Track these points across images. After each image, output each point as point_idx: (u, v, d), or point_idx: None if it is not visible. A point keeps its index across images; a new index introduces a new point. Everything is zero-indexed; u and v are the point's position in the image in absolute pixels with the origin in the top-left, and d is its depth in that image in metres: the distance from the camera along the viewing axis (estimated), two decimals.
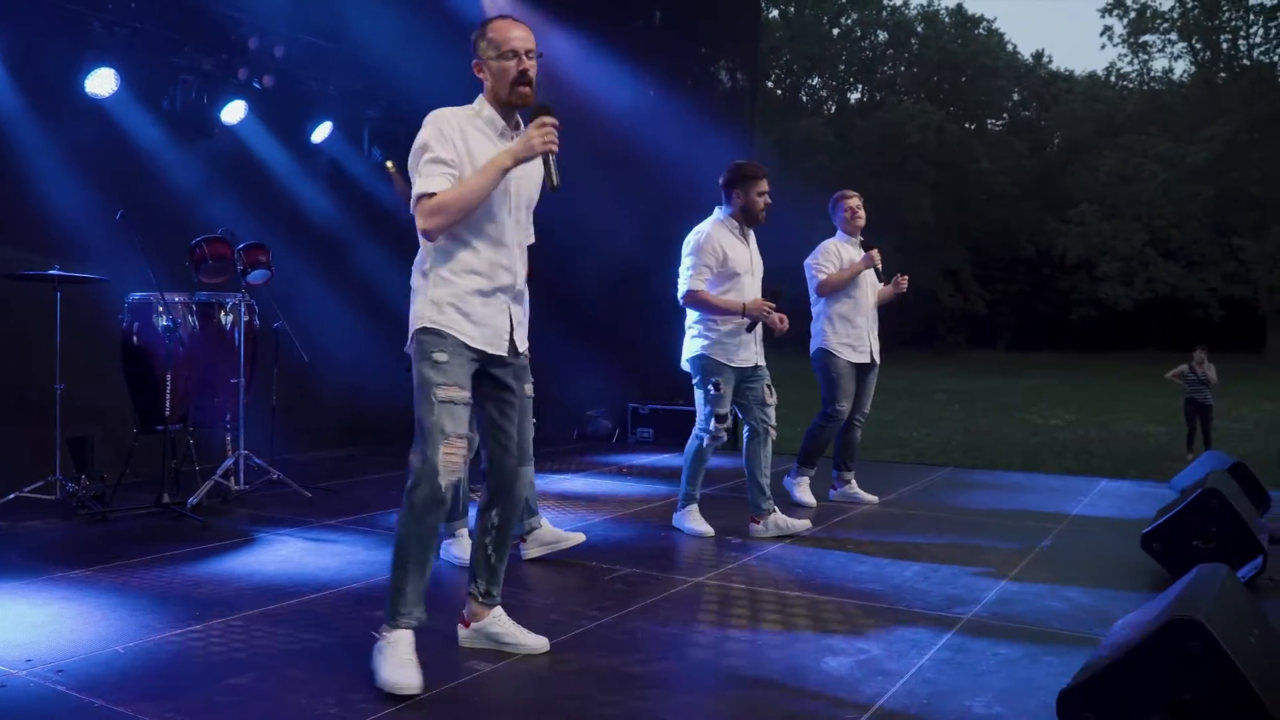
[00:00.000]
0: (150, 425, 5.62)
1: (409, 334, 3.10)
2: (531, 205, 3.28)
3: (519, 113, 3.13)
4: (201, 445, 5.93)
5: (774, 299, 5.00)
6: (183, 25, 6.54)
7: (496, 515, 3.28)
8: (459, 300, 3.05)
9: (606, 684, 3.03)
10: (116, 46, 6.23)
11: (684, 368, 5.17)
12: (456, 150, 3.00)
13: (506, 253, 3.13)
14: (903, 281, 6.06)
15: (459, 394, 3.02)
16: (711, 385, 5.02)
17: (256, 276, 6.03)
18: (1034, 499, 6.35)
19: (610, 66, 8.35)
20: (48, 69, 6.02)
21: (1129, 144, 35.13)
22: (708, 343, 5.02)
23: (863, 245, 5.93)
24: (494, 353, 3.13)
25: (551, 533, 4.57)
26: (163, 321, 5.52)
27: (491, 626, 3.30)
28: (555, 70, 8.05)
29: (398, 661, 2.92)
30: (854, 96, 44.54)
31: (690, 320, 5.12)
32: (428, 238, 3.01)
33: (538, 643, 3.29)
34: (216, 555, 4.55)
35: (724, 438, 5.14)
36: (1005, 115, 44.72)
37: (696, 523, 5.16)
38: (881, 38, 43.47)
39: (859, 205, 5.99)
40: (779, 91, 41.78)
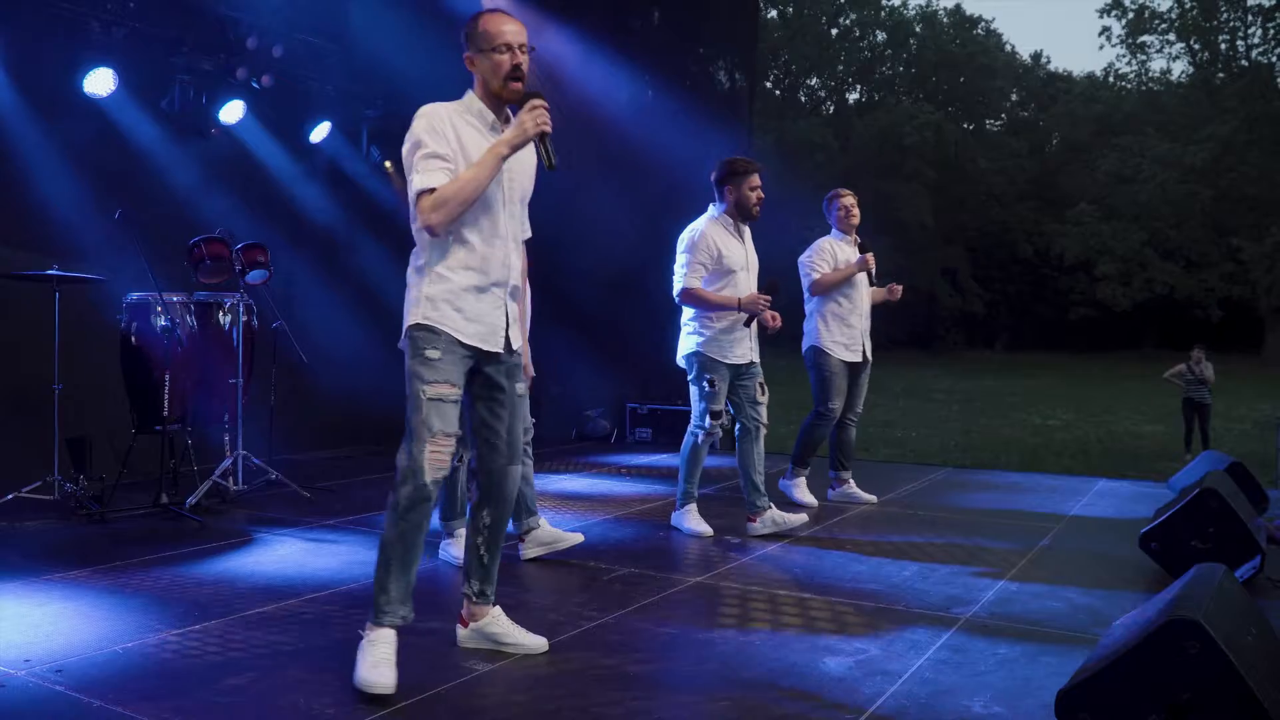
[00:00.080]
0: (149, 425, 5.62)
1: (402, 330, 3.09)
2: (526, 198, 3.27)
3: (509, 107, 3.11)
4: (200, 445, 5.93)
5: (770, 292, 5.01)
6: (181, 25, 6.53)
7: (488, 515, 3.27)
8: (454, 296, 3.03)
9: (605, 684, 3.03)
10: (115, 46, 6.22)
11: (679, 364, 5.18)
12: (449, 144, 2.98)
13: (502, 247, 3.11)
14: (897, 290, 6.09)
15: (449, 391, 3.01)
16: (706, 382, 5.02)
17: (255, 276, 6.04)
18: (1032, 499, 6.36)
19: (608, 66, 8.35)
20: (46, 69, 6.02)
21: (1127, 144, 35.19)
22: (703, 339, 5.02)
23: (860, 248, 5.93)
24: (489, 349, 3.11)
25: (550, 533, 4.57)
26: (161, 321, 5.52)
27: (490, 626, 3.30)
28: (554, 69, 8.05)
29: (374, 661, 2.90)
30: (852, 97, 44.59)
31: (686, 317, 5.12)
32: (432, 233, 2.98)
33: (536, 643, 3.29)
34: (215, 555, 4.55)
35: (719, 434, 5.14)
36: (1003, 115, 44.77)
37: (695, 522, 5.16)
38: (880, 38, 43.49)
39: (853, 204, 5.99)
40: (777, 91, 41.79)
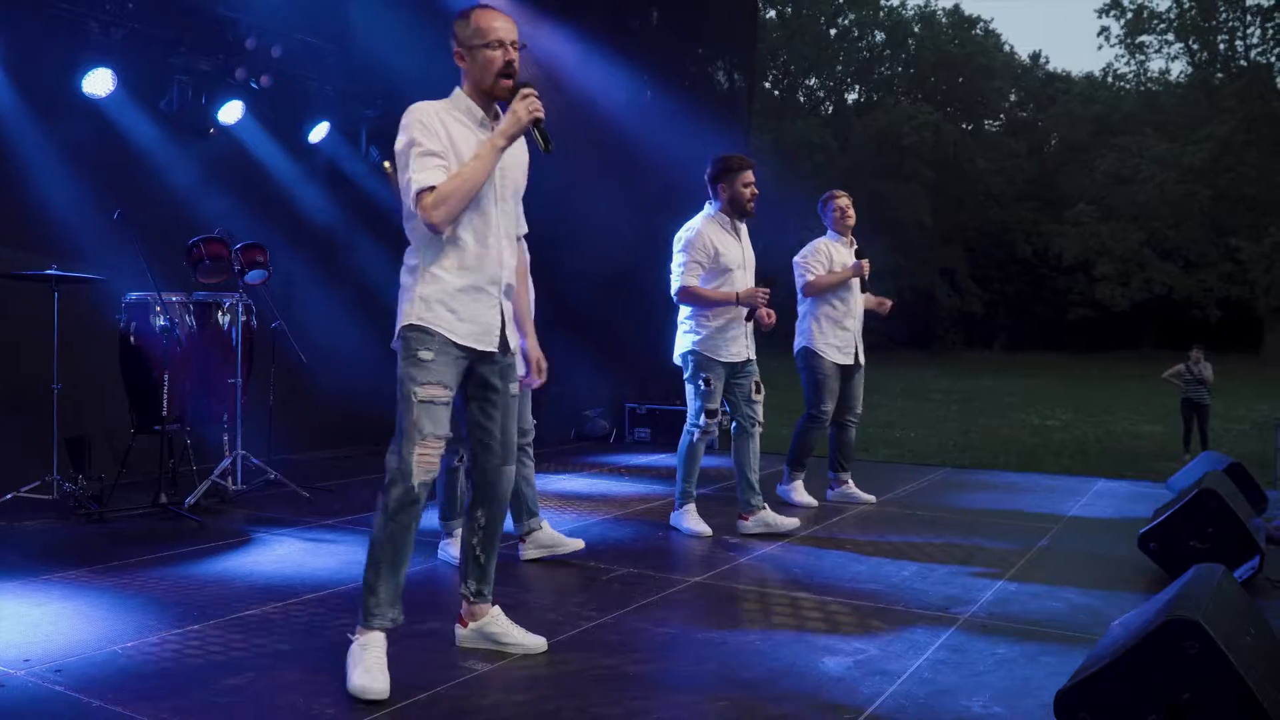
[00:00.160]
0: (148, 425, 5.61)
1: (395, 331, 3.07)
2: (519, 194, 3.25)
3: (498, 104, 3.09)
4: (199, 445, 5.93)
5: (768, 285, 5.00)
6: (180, 25, 6.53)
7: (483, 515, 3.26)
8: (447, 296, 3.02)
9: (604, 684, 3.03)
10: (114, 46, 6.22)
11: (675, 362, 5.19)
12: (441, 142, 2.96)
13: (495, 245, 3.09)
14: (887, 304, 6.12)
15: (441, 393, 3.00)
16: (701, 380, 5.02)
17: (254, 276, 6.04)
18: (1031, 499, 6.36)
19: (607, 66, 8.35)
20: (45, 69, 6.01)
21: (1126, 144, 35.21)
22: (698, 338, 5.02)
23: (856, 253, 5.93)
24: (483, 349, 3.09)
25: (551, 536, 4.57)
26: (160, 321, 5.52)
27: (489, 626, 3.30)
28: (552, 69, 8.05)
29: (365, 666, 2.90)
30: (851, 97, 44.62)
31: (681, 316, 5.12)
32: (435, 230, 2.95)
33: (535, 643, 3.29)
34: (214, 555, 4.55)
35: (715, 432, 5.13)
36: (1002, 116, 44.79)
37: (694, 522, 5.16)
38: (878, 38, 43.51)
39: (848, 205, 5.98)
40: (776, 92, 41.80)
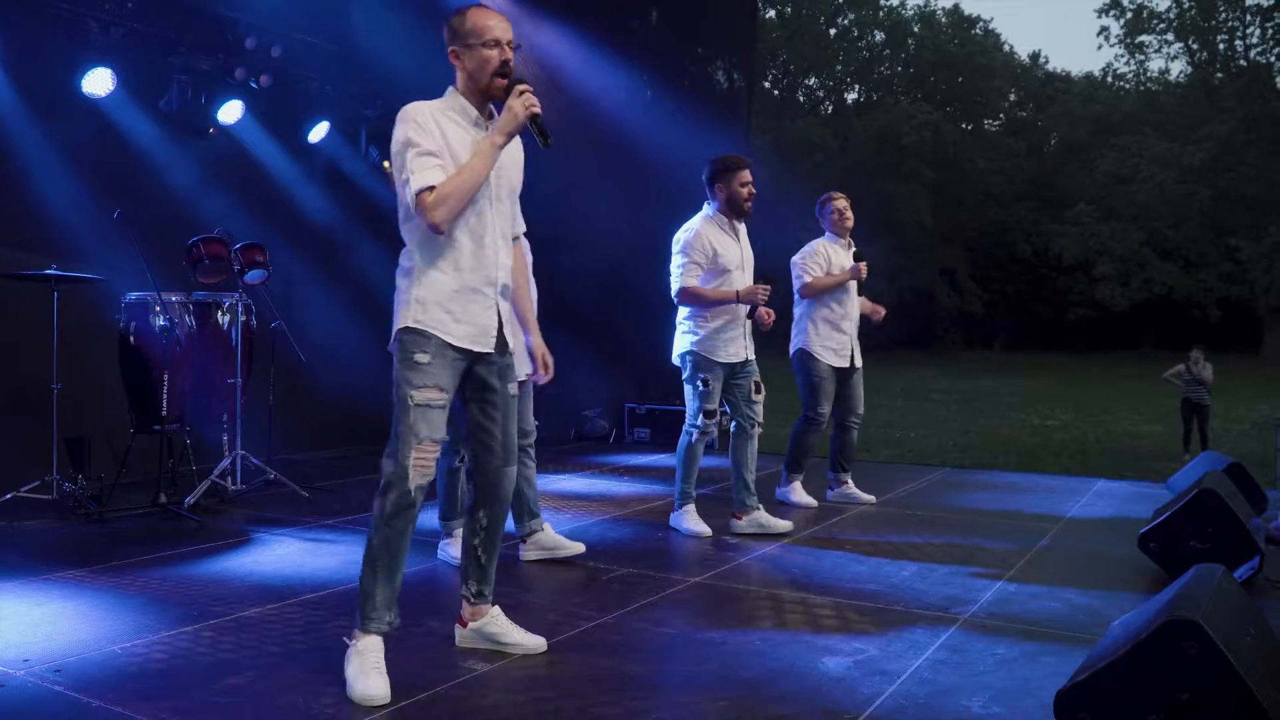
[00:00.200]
0: (147, 425, 5.61)
1: (392, 334, 3.06)
2: (515, 193, 3.23)
3: (492, 103, 3.08)
4: (198, 445, 5.93)
5: (768, 283, 5.00)
6: (180, 25, 6.53)
7: (484, 516, 3.25)
8: (443, 298, 3.00)
9: (604, 684, 3.03)
10: (113, 46, 6.22)
11: (674, 363, 5.19)
12: (437, 142, 2.94)
13: (491, 245, 3.07)
14: (880, 312, 6.11)
15: (437, 397, 2.98)
16: (700, 381, 5.02)
17: (253, 276, 6.04)
18: (1031, 499, 6.36)
19: (607, 66, 8.35)
20: (44, 69, 6.01)
21: (1126, 144, 35.20)
22: (697, 338, 5.03)
23: (854, 255, 5.93)
24: (480, 350, 3.08)
25: (552, 539, 4.57)
26: (160, 321, 5.52)
27: (489, 626, 3.30)
28: (552, 69, 8.05)
29: (364, 670, 2.89)
30: (851, 97, 44.63)
31: (680, 316, 5.12)
32: (437, 230, 2.93)
33: (535, 643, 3.29)
34: (214, 555, 4.55)
35: (714, 433, 5.13)
36: (1002, 115, 44.78)
37: (694, 523, 5.16)
38: (878, 38, 43.51)
39: (846, 206, 5.98)
40: (776, 92, 41.81)
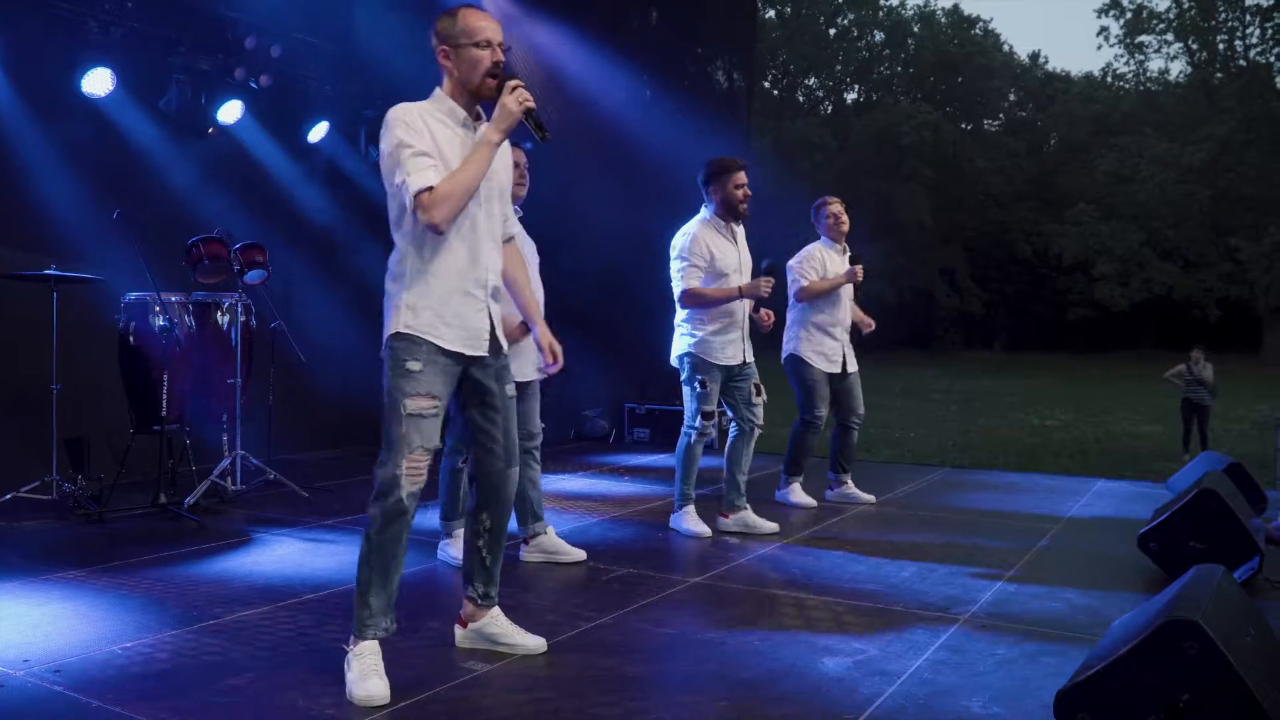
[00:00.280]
0: (147, 425, 5.61)
1: (383, 340, 3.03)
2: (504, 194, 3.21)
3: (479, 104, 3.06)
4: (198, 445, 5.92)
5: (769, 274, 5.00)
6: (179, 25, 6.53)
7: (488, 519, 3.25)
8: (434, 302, 2.98)
9: (603, 684, 3.03)
10: (113, 46, 6.21)
11: (673, 364, 5.19)
12: (427, 142, 2.93)
13: (481, 247, 3.06)
14: (870, 324, 6.12)
15: (430, 405, 2.96)
16: (698, 383, 5.03)
17: (253, 276, 6.03)
18: (1030, 499, 6.36)
19: (607, 66, 8.35)
20: (44, 69, 6.01)
21: (1125, 144, 35.18)
22: (694, 341, 5.03)
23: (850, 259, 5.94)
24: (473, 353, 3.06)
25: (554, 543, 4.56)
26: (159, 321, 5.52)
27: (489, 627, 3.30)
28: (552, 69, 8.05)
29: (364, 674, 2.89)
30: (850, 97, 44.59)
31: (679, 319, 5.12)
32: (437, 231, 2.91)
33: (535, 643, 3.29)
34: (213, 555, 4.55)
35: (712, 434, 5.14)
36: (1002, 115, 44.74)
37: (694, 523, 5.16)
38: (878, 38, 43.48)
39: (841, 211, 5.99)
40: (775, 92, 41.79)
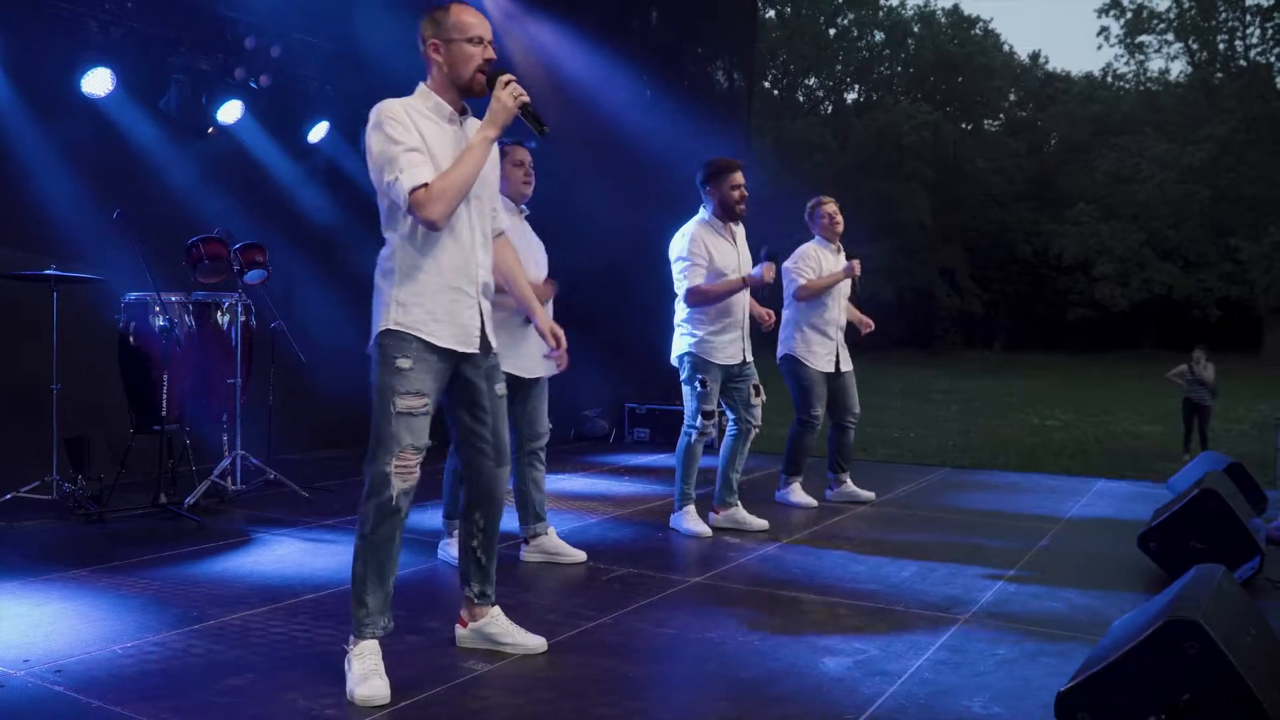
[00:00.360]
0: (147, 425, 5.61)
1: (371, 336, 3.02)
2: (494, 190, 3.20)
3: (465, 101, 3.06)
4: (198, 445, 5.92)
5: (771, 259, 4.99)
6: (179, 25, 6.53)
7: (481, 518, 3.25)
8: (424, 298, 2.96)
9: (604, 684, 3.03)
10: (113, 46, 6.22)
11: (672, 364, 5.19)
12: (415, 138, 2.91)
13: (470, 243, 3.04)
14: (869, 325, 6.12)
15: (419, 403, 2.95)
16: (698, 382, 5.04)
17: (253, 276, 6.03)
18: (1031, 499, 6.36)
19: (607, 66, 8.35)
20: (44, 69, 6.01)
21: (1125, 144, 35.17)
22: (694, 340, 5.04)
23: (846, 256, 5.94)
24: (465, 351, 3.05)
25: (555, 544, 4.56)
26: (159, 321, 5.52)
27: (489, 626, 3.29)
28: (553, 69, 8.05)
29: (364, 674, 2.89)
30: (850, 97, 44.56)
31: (678, 318, 5.13)
32: (433, 228, 2.90)
33: (535, 643, 3.29)
34: (214, 555, 4.55)
35: (712, 433, 5.15)
36: (1002, 115, 44.72)
37: (694, 523, 5.16)
38: (878, 38, 43.46)
39: (837, 211, 6.01)
40: (775, 92, 41.77)
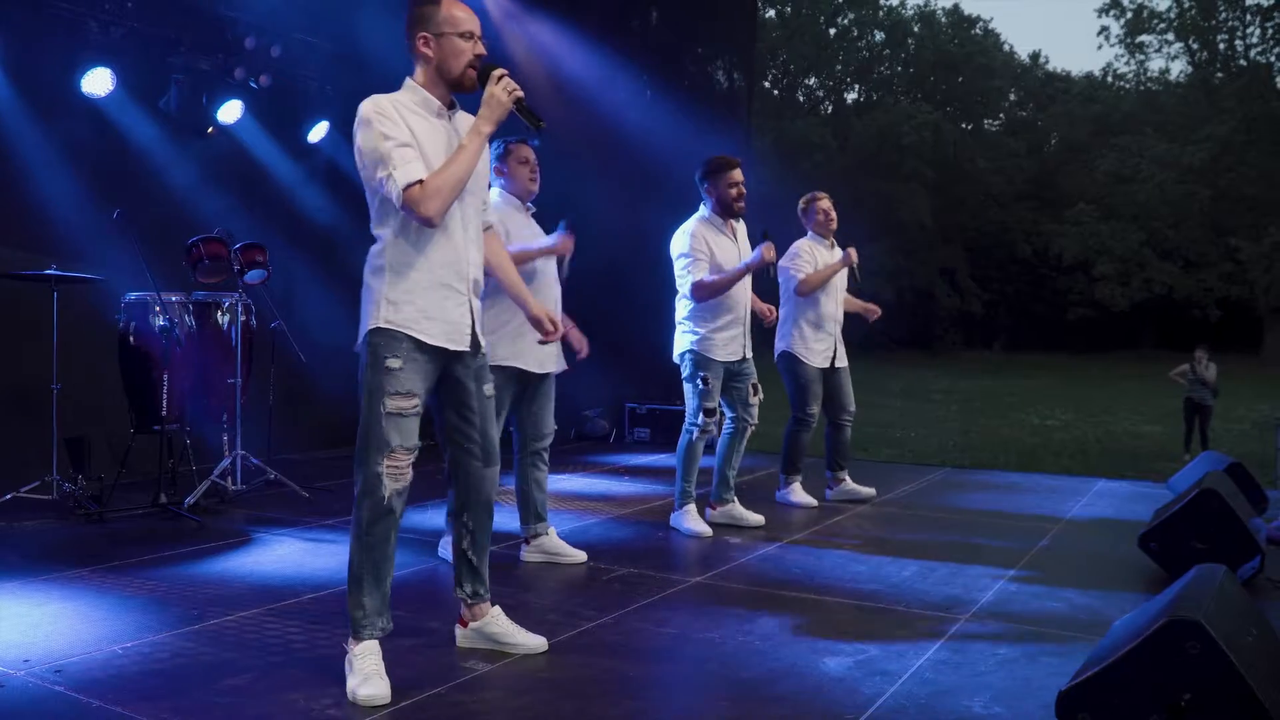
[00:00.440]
0: (147, 425, 5.61)
1: (360, 334, 3.00)
2: (483, 185, 3.18)
3: (454, 95, 3.05)
4: (198, 445, 5.92)
5: (767, 238, 5.00)
6: (179, 25, 6.53)
7: (469, 519, 3.24)
8: (415, 295, 2.95)
9: (604, 684, 3.03)
10: (113, 46, 6.22)
11: (674, 361, 5.20)
12: (405, 134, 2.90)
13: (462, 240, 3.03)
14: (875, 311, 6.11)
15: (409, 404, 2.94)
16: (700, 379, 5.04)
17: (253, 276, 6.03)
18: (1031, 499, 6.36)
19: (607, 66, 8.34)
20: (44, 69, 6.01)
21: (1126, 144, 35.15)
22: (696, 337, 5.04)
23: (841, 247, 5.94)
24: (455, 349, 3.03)
25: (555, 545, 4.56)
26: (159, 321, 5.52)
27: (490, 626, 3.29)
28: (553, 69, 8.05)
29: (365, 675, 2.89)
30: (850, 96, 44.56)
31: (680, 315, 5.13)
32: (430, 224, 2.90)
33: (536, 642, 3.29)
34: (214, 555, 4.55)
35: (714, 431, 5.15)
36: (1002, 115, 44.72)
37: (694, 523, 5.16)
38: (878, 38, 43.46)
39: (831, 207, 6.02)
40: (775, 91, 41.76)
